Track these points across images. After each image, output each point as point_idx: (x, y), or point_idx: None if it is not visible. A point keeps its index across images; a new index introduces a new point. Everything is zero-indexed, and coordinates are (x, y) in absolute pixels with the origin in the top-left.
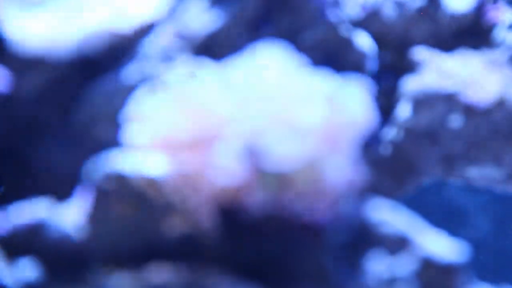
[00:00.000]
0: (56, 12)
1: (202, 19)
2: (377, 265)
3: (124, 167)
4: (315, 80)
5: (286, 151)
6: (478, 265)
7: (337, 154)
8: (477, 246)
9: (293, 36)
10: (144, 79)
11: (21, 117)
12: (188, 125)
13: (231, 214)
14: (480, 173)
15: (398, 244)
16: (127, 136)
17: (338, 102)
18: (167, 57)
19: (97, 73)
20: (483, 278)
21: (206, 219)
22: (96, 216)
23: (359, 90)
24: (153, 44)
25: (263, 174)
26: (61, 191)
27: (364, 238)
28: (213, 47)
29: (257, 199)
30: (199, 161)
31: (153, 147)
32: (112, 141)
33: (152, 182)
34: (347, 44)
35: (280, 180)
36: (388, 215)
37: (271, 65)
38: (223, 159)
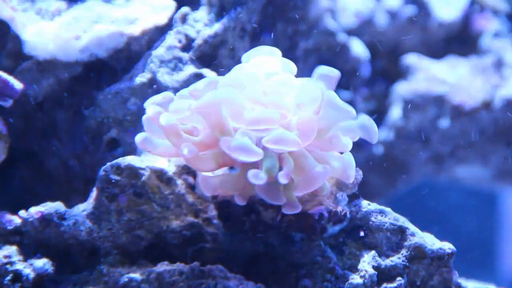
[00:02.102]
0: (70, 17)
1: (207, 27)
2: (373, 254)
3: (133, 161)
4: (307, 83)
5: (282, 138)
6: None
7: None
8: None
9: (292, 44)
10: (153, 82)
11: (36, 119)
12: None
13: (234, 205)
14: (468, 173)
15: (392, 234)
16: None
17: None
18: (175, 61)
19: (110, 76)
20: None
21: (211, 209)
22: (104, 206)
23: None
24: (161, 49)
25: (266, 153)
26: (75, 191)
27: (359, 229)
28: (216, 53)
29: (260, 176)
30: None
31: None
32: (124, 143)
33: (161, 173)
34: (343, 51)
35: (278, 158)
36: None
37: (272, 70)
38: (242, 139)
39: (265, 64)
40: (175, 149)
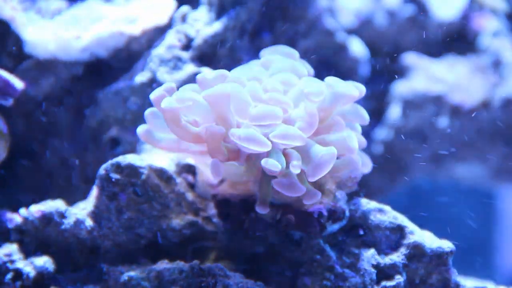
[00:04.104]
0: (70, 17)
1: (207, 27)
2: (372, 252)
3: (133, 159)
4: (311, 78)
5: (288, 134)
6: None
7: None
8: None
9: (291, 43)
10: (153, 81)
11: (37, 118)
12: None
13: (234, 204)
14: (467, 171)
15: (391, 233)
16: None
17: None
18: (175, 60)
19: (110, 75)
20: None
21: (211, 208)
22: (104, 205)
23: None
24: (161, 48)
25: (271, 148)
26: (75, 190)
27: (358, 227)
28: (216, 52)
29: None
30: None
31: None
32: (124, 142)
33: (161, 172)
34: (342, 50)
35: (283, 152)
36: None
37: (278, 68)
38: (251, 130)
39: (273, 63)
40: (178, 143)
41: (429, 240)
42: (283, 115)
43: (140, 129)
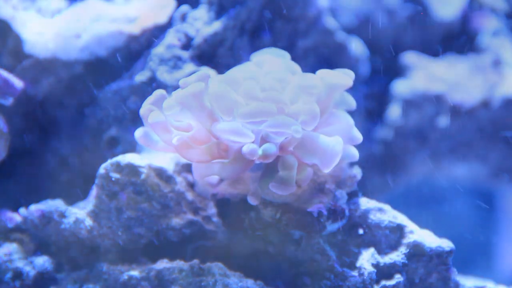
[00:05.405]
0: (70, 16)
1: (207, 26)
2: (372, 252)
3: (133, 159)
4: (305, 78)
5: (282, 122)
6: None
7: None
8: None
9: (291, 42)
10: (153, 81)
11: (36, 117)
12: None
13: (234, 203)
14: (467, 171)
15: (391, 232)
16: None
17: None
18: (175, 60)
19: (109, 74)
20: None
21: (211, 207)
22: (104, 204)
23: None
24: (161, 47)
25: (264, 142)
26: (75, 189)
27: (358, 226)
28: (216, 51)
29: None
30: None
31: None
32: (124, 141)
33: (160, 171)
34: (342, 49)
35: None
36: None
37: (272, 66)
38: (233, 123)
39: (266, 63)
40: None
41: (429, 239)
42: (281, 114)
43: (138, 133)
